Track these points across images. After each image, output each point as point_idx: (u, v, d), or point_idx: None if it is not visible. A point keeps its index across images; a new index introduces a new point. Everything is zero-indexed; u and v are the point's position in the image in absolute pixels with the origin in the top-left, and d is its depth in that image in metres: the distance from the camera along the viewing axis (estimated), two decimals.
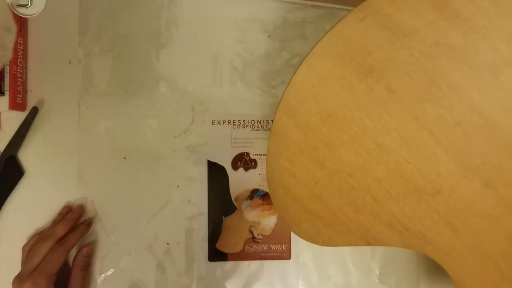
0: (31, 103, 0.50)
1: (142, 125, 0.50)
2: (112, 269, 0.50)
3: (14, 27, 0.34)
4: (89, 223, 0.49)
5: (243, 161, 0.51)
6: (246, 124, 0.51)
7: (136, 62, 0.51)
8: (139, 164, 0.50)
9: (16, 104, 0.48)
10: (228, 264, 0.51)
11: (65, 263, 0.49)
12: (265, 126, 0.51)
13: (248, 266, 0.51)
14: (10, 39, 0.34)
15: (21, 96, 0.49)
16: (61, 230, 0.46)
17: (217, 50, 0.51)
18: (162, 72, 0.51)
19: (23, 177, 0.49)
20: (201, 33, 0.51)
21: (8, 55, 0.35)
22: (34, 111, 0.49)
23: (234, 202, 0.51)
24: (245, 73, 0.51)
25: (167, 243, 0.50)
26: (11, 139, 0.49)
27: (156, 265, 0.50)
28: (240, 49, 0.51)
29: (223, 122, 0.51)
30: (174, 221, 0.50)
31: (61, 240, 0.46)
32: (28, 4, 0.49)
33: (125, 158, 0.50)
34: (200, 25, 0.51)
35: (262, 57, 0.51)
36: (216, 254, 0.50)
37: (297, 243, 0.51)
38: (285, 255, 0.51)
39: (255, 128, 0.51)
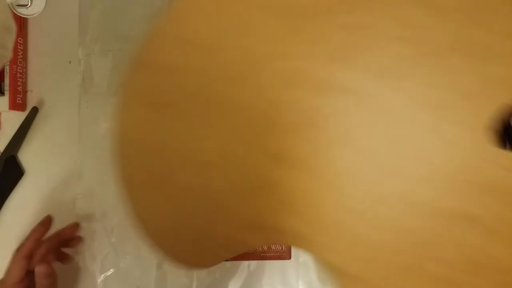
0: (31, 103, 0.50)
1: None
2: (112, 269, 0.50)
3: (14, 27, 0.34)
4: (46, 221, 0.46)
5: None
6: None
7: None
8: None
9: (16, 104, 0.48)
10: (228, 264, 0.50)
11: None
12: None
13: (248, 266, 0.51)
14: (10, 39, 0.34)
15: (21, 96, 0.49)
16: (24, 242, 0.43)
17: None
18: None
19: (23, 177, 0.49)
20: None
21: (8, 55, 0.35)
22: (34, 111, 0.49)
23: None
24: None
25: None
26: (11, 139, 0.49)
27: (156, 265, 0.50)
28: None
29: None
30: None
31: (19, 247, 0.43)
32: (28, 4, 0.49)
33: None
34: None
35: None
36: None
37: None
38: (285, 255, 0.51)
39: None
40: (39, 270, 0.42)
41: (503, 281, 0.35)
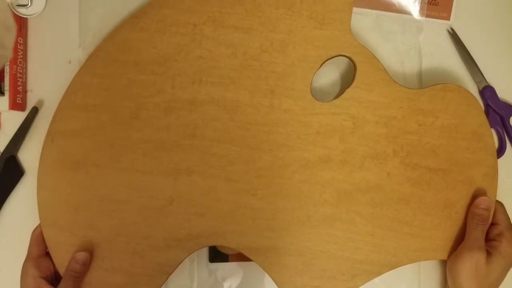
0: (31, 103, 0.50)
1: None
2: None
3: (14, 27, 0.34)
4: None
5: None
6: None
7: None
8: None
9: (16, 104, 0.48)
10: (229, 265, 0.50)
11: None
12: None
13: (249, 267, 0.51)
14: (10, 38, 0.34)
15: (21, 96, 0.49)
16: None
17: None
18: None
19: (23, 177, 0.49)
20: None
21: (8, 54, 0.35)
22: (34, 111, 0.49)
23: None
24: None
25: None
26: (11, 139, 0.49)
27: None
28: None
29: None
30: None
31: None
32: (28, 4, 0.49)
33: None
34: None
35: None
36: (217, 255, 0.50)
37: None
38: None
39: None
40: (79, 255, 0.43)
41: None
